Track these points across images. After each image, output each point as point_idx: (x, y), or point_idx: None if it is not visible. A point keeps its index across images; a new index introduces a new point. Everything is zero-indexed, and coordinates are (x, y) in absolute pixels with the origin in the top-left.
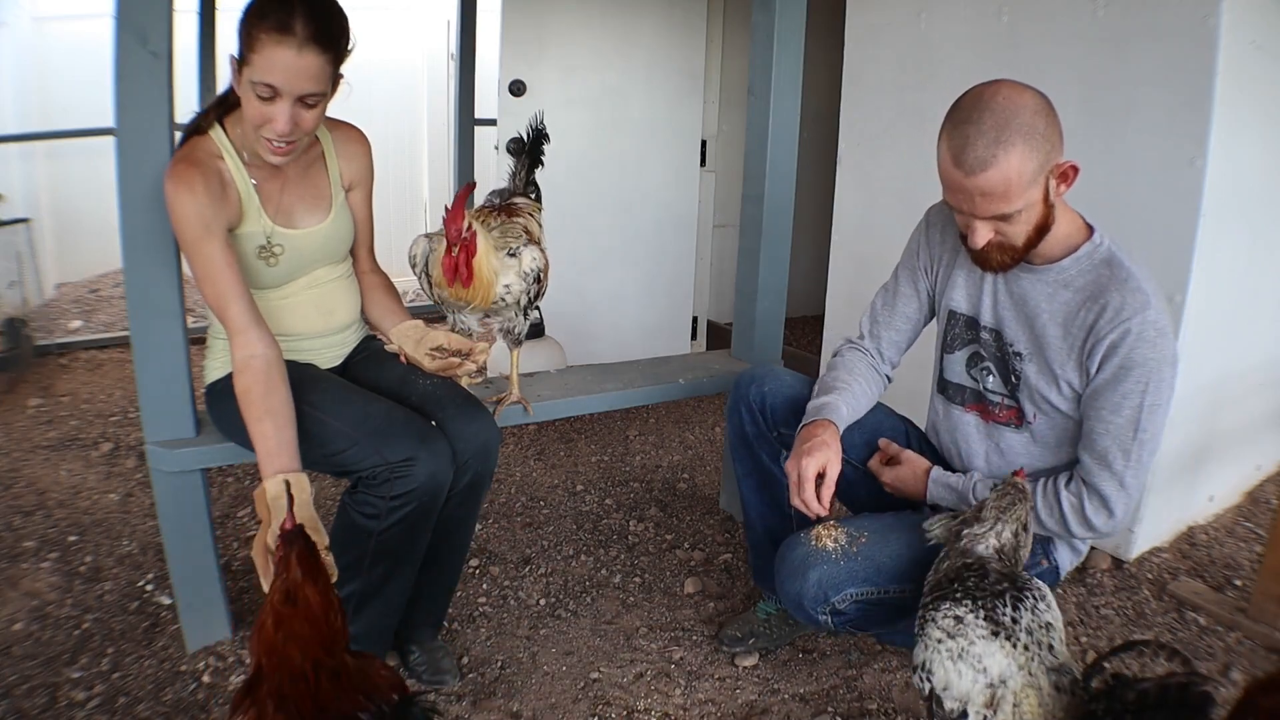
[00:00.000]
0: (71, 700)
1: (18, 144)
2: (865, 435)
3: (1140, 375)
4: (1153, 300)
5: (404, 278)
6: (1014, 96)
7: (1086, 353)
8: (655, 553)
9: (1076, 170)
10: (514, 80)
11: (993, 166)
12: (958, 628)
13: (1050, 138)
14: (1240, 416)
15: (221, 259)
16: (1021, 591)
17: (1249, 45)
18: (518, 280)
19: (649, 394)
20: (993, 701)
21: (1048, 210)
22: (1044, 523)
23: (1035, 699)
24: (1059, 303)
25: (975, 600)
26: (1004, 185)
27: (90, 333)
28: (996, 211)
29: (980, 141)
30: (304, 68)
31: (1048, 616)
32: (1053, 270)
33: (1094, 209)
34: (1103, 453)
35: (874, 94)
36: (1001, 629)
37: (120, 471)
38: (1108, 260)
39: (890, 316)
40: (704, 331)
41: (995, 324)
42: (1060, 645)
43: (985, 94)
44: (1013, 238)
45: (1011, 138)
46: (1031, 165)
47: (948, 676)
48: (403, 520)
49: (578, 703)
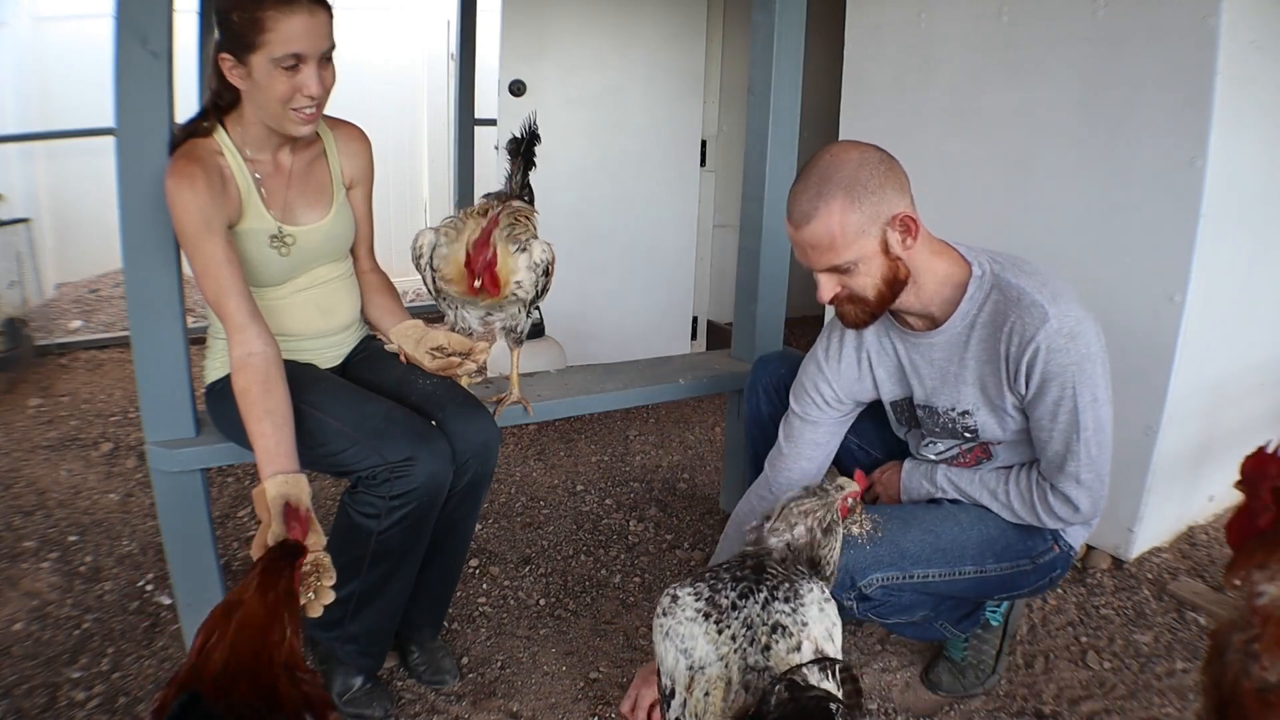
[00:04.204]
0: (71, 700)
1: (18, 144)
2: (881, 425)
3: (1063, 382)
4: (1049, 309)
5: (404, 278)
6: (840, 154)
7: (1013, 377)
8: (655, 553)
9: (916, 222)
10: (514, 80)
11: (814, 219)
12: (671, 606)
13: (879, 191)
14: (1240, 416)
15: (222, 255)
16: (761, 584)
17: (1249, 45)
18: (528, 274)
19: (649, 394)
20: (690, 685)
21: (894, 263)
22: (1018, 513)
23: (721, 692)
24: (975, 344)
25: (708, 583)
26: (828, 237)
27: (90, 333)
28: (828, 264)
29: (804, 196)
30: (319, 25)
31: (785, 619)
32: (955, 321)
33: (1094, 209)
34: (1053, 458)
35: (874, 94)
36: (715, 611)
37: (120, 471)
38: (995, 285)
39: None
40: (704, 331)
41: (926, 399)
42: (786, 652)
43: (817, 154)
44: (860, 290)
45: (832, 191)
46: (855, 217)
47: (659, 651)
48: (402, 520)
49: (578, 703)
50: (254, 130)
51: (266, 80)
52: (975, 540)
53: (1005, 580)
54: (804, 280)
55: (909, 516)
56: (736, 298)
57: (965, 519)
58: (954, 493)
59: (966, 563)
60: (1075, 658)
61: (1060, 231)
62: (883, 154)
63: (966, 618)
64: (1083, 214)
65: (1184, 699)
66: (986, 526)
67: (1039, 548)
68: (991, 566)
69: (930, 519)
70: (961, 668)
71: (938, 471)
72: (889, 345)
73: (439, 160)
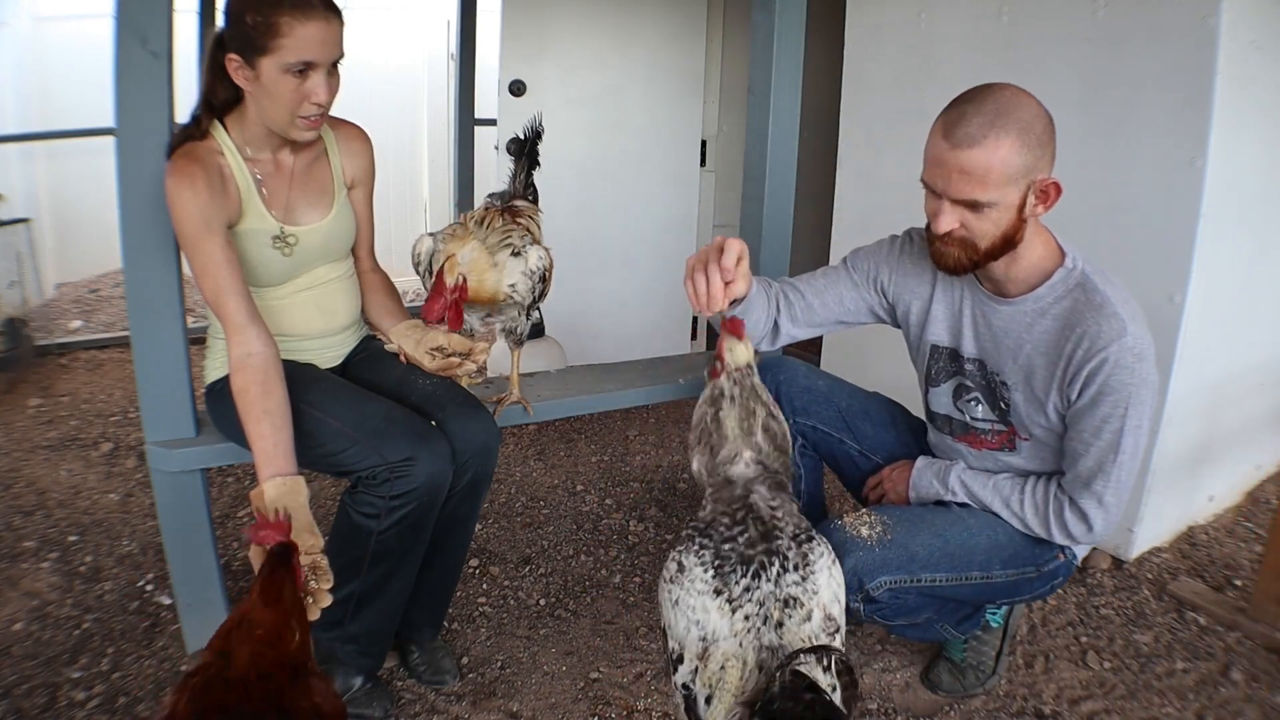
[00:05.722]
0: (71, 700)
1: (18, 144)
2: (882, 430)
3: (1118, 400)
4: (1129, 325)
5: (404, 278)
6: (1021, 95)
7: (1068, 380)
8: (655, 553)
9: (1059, 190)
10: (514, 80)
11: (980, 145)
12: (679, 575)
13: (1044, 145)
14: (1240, 416)
15: (221, 255)
16: (772, 558)
17: (1249, 45)
18: (523, 279)
19: (649, 394)
20: (704, 655)
21: (1019, 222)
22: (1029, 524)
23: (737, 672)
24: (1039, 331)
25: (717, 554)
26: (984, 168)
27: (90, 333)
28: (969, 195)
29: (976, 120)
30: (333, 34)
31: (796, 590)
32: (1028, 300)
33: (1094, 209)
34: (1083, 473)
35: (874, 94)
36: (728, 589)
37: (120, 471)
38: (1082, 284)
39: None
40: (704, 331)
41: (978, 354)
42: (798, 624)
43: (994, 86)
44: (976, 235)
45: (1008, 125)
46: (1017, 160)
47: (667, 616)
48: (402, 520)
49: (578, 703)
50: (255, 131)
51: (275, 85)
52: (983, 546)
53: (1010, 586)
54: None
55: (917, 519)
56: None
57: (974, 524)
58: (965, 496)
59: (974, 568)
60: (1075, 658)
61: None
62: (1050, 116)
63: (967, 620)
64: (1083, 214)
65: (1184, 699)
66: (995, 532)
67: (1045, 556)
68: (998, 573)
69: (939, 523)
70: (961, 668)
71: (951, 472)
72: (956, 291)
73: (439, 160)
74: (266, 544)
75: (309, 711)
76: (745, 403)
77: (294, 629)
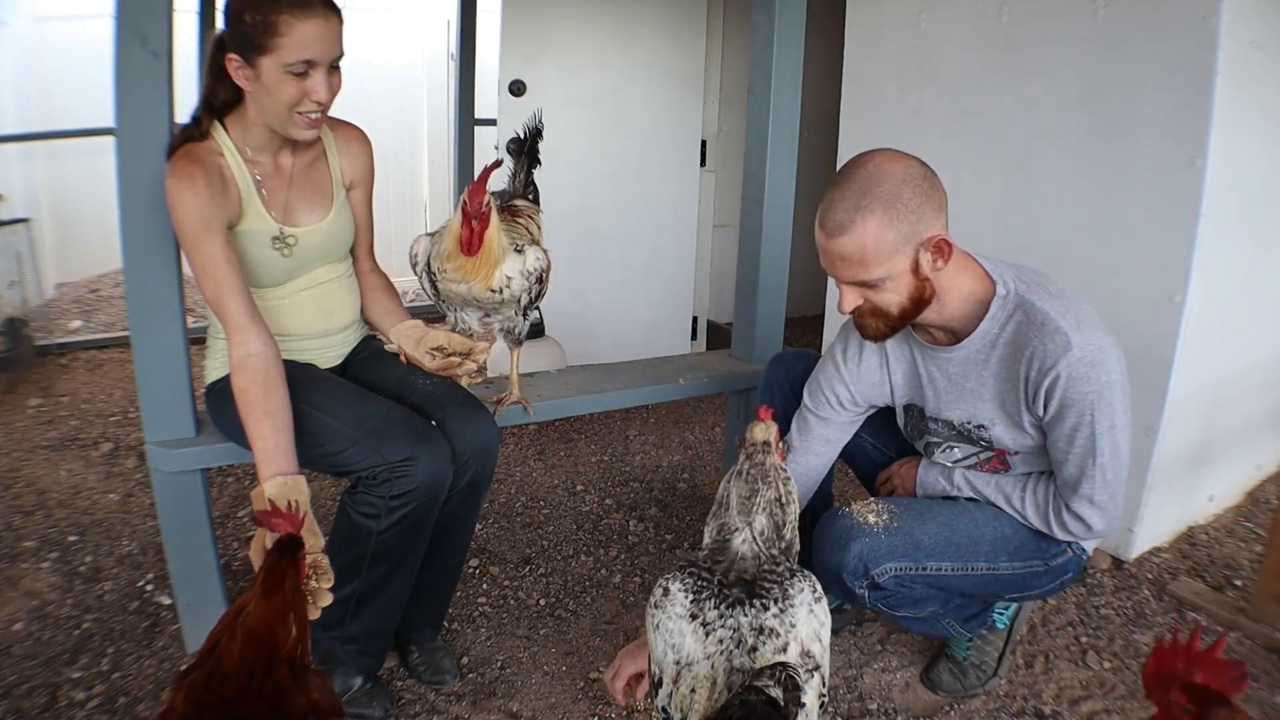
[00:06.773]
0: (71, 700)
1: (18, 144)
2: (893, 428)
3: (1081, 409)
4: (1073, 336)
5: (404, 278)
6: (884, 165)
7: (1031, 399)
8: (655, 553)
9: (950, 245)
10: (514, 80)
11: (849, 231)
12: (663, 599)
13: (918, 210)
14: (1240, 416)
15: (221, 255)
16: (752, 600)
17: (1249, 45)
18: (520, 277)
19: (649, 394)
20: (677, 679)
21: (921, 283)
22: (1032, 522)
23: (707, 691)
24: (995, 363)
25: (700, 585)
26: (860, 252)
27: (90, 333)
28: (856, 277)
29: (841, 205)
30: (332, 32)
31: (773, 622)
32: (974, 340)
33: (1094, 209)
34: (1069, 479)
35: (874, 94)
36: (702, 614)
37: (120, 471)
38: (1020, 306)
39: (806, 443)
40: (704, 331)
41: (936, 413)
42: (772, 653)
43: (859, 160)
44: (885, 306)
45: (871, 205)
46: (890, 235)
47: (650, 640)
48: (402, 520)
49: (578, 703)
50: (256, 131)
51: (275, 84)
52: (990, 537)
53: (1017, 580)
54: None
55: (925, 509)
56: (736, 298)
57: (981, 515)
58: (970, 491)
59: (980, 559)
60: (1075, 658)
61: (1060, 231)
62: (926, 170)
63: (974, 618)
64: (1083, 214)
65: None
66: (1002, 524)
67: (1053, 550)
68: (1004, 565)
69: (946, 513)
70: (963, 667)
71: (955, 472)
72: (906, 352)
73: (439, 160)
74: (277, 531)
75: (305, 707)
76: (751, 480)
77: (290, 623)
